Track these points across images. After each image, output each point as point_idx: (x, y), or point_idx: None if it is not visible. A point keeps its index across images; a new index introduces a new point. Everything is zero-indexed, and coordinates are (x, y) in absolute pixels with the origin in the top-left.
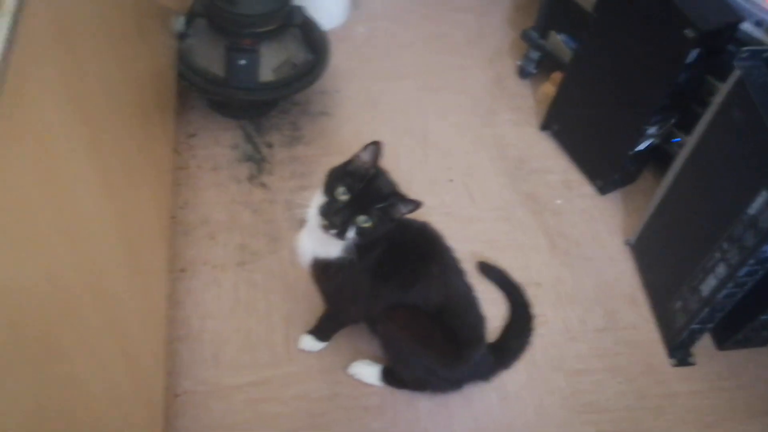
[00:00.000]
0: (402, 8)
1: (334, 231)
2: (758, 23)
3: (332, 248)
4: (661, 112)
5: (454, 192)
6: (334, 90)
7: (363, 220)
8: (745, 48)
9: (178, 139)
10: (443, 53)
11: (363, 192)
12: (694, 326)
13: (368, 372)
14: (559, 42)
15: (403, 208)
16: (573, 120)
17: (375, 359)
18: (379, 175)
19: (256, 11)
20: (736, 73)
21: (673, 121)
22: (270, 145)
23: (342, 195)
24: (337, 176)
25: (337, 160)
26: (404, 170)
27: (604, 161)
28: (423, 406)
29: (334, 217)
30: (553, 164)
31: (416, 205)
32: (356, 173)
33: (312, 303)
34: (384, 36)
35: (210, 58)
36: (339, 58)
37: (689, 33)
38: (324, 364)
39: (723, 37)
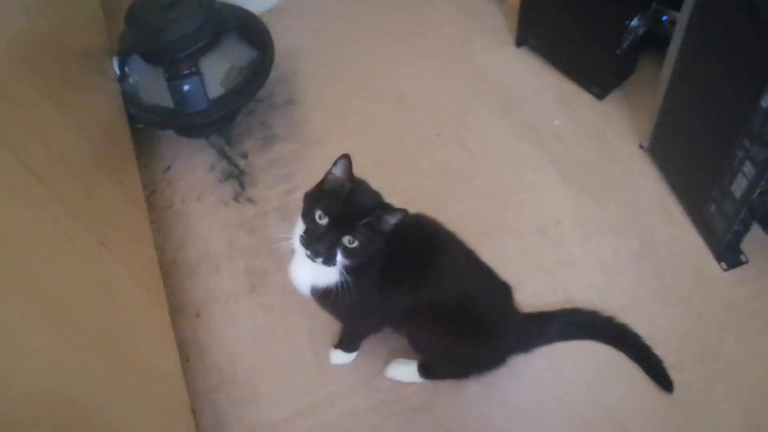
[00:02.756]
0: None
1: (319, 259)
2: None
3: (328, 274)
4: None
5: (446, 147)
6: (294, 73)
7: (348, 241)
8: None
9: (155, 178)
10: None
11: (343, 211)
12: (736, 228)
13: (406, 371)
14: None
15: (390, 219)
16: (548, 29)
17: (409, 355)
18: (358, 189)
19: (183, 33)
20: None
21: (654, 3)
22: (245, 155)
23: (321, 219)
24: (313, 200)
25: (316, 150)
26: (388, 138)
27: (593, 64)
28: (471, 391)
29: (317, 245)
30: (541, 82)
31: (403, 213)
32: (332, 192)
33: None
34: None
35: (155, 92)
36: (288, 37)
37: None
38: (361, 374)
39: None
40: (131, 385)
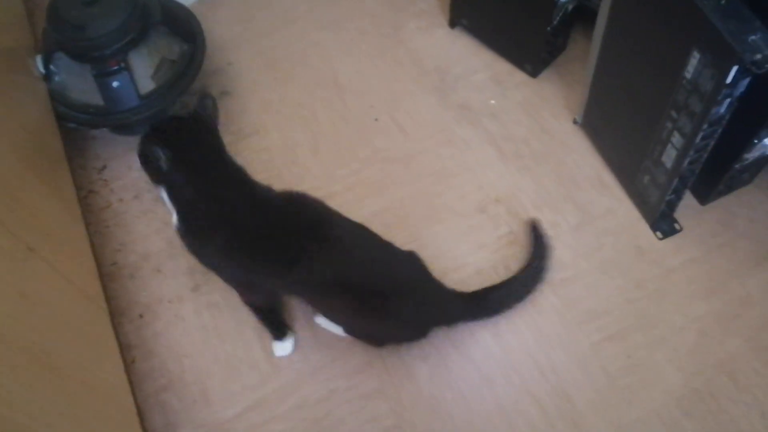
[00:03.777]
0: None
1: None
2: None
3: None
4: None
5: (384, 132)
6: (227, 63)
7: None
8: None
9: (91, 178)
10: None
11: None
12: (669, 197)
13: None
14: None
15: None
16: (480, 8)
17: None
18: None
19: (108, 28)
20: None
21: None
22: None
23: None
24: None
25: (253, 141)
26: (325, 126)
27: (525, 42)
28: (421, 373)
29: None
30: (475, 63)
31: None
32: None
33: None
34: None
35: (84, 89)
36: (220, 28)
37: None
38: (311, 365)
39: None
40: (70, 394)
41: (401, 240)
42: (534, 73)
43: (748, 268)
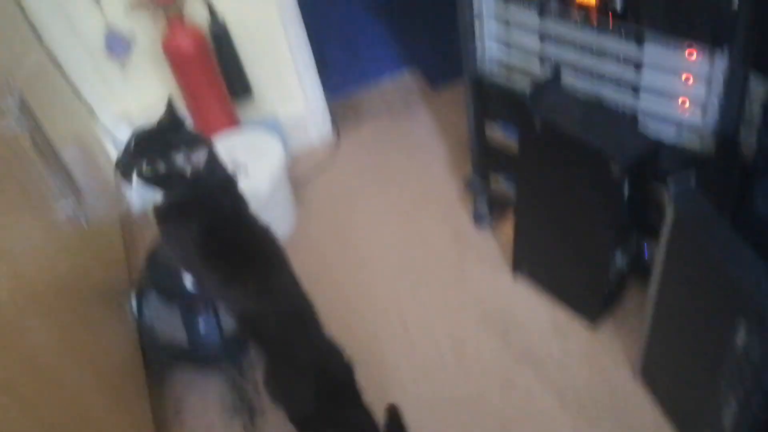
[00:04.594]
0: (338, 191)
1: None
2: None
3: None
4: (620, 239)
5: (447, 371)
6: None
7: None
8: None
9: (167, 416)
10: (394, 226)
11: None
12: None
13: None
14: (501, 183)
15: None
16: (541, 259)
17: None
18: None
19: None
20: (671, 208)
21: (635, 237)
22: (256, 386)
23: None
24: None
25: None
26: (390, 358)
27: (584, 292)
28: None
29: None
30: (537, 309)
31: None
32: None
33: None
34: (329, 224)
35: (171, 329)
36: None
37: (614, 167)
38: None
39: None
40: None
41: None
42: (594, 320)
43: None
